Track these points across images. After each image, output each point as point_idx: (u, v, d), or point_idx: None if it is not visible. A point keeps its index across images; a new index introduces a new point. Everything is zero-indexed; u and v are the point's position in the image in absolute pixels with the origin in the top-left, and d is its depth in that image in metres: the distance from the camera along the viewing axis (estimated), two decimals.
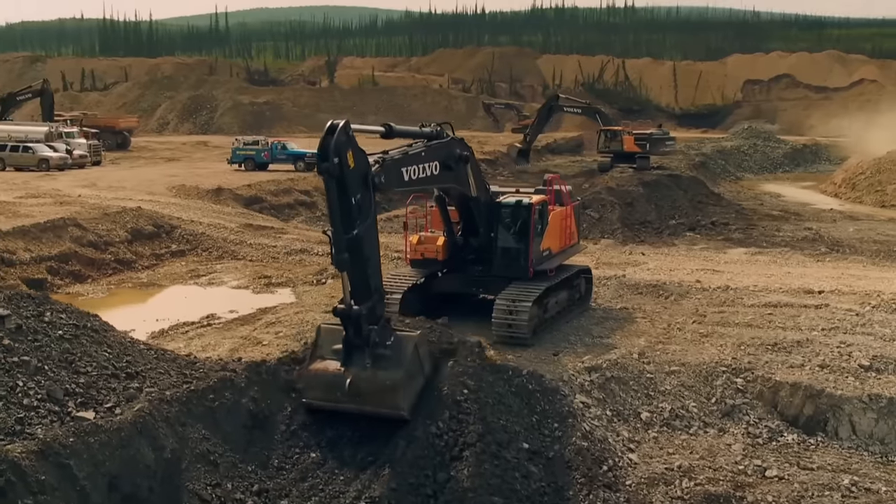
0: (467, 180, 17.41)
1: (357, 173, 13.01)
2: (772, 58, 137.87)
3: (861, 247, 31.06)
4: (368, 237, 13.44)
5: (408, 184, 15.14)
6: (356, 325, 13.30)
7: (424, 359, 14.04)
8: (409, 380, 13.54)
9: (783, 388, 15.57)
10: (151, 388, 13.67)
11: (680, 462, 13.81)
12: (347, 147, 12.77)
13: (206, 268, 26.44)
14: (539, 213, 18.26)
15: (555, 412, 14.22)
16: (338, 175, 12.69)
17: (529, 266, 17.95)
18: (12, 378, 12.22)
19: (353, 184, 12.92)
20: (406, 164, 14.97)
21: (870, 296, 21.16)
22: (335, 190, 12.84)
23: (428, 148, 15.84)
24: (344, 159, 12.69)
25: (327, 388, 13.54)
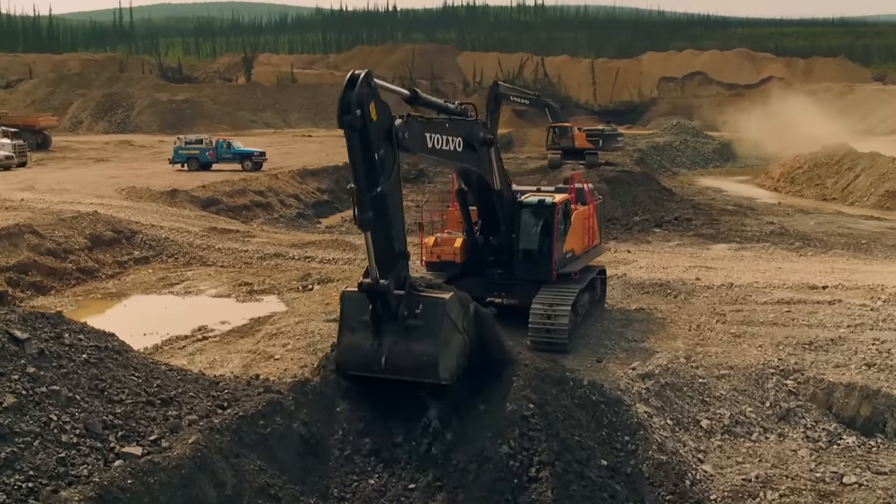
0: (491, 168, 16.49)
1: (380, 126, 12.21)
2: (685, 55, 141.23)
3: (830, 240, 31.47)
4: (393, 195, 12.58)
5: (431, 151, 14.19)
6: (384, 300, 12.59)
7: (458, 318, 13.20)
8: (445, 347, 12.77)
9: (837, 389, 15.17)
10: (190, 414, 12.32)
11: (756, 472, 13.20)
12: (370, 98, 11.97)
13: (176, 275, 24.71)
14: (563, 212, 17.46)
15: (623, 424, 13.44)
16: (360, 127, 11.84)
17: (553, 269, 17.11)
18: (44, 411, 10.70)
19: (376, 138, 12.12)
20: (430, 130, 14.09)
21: (875, 290, 21.13)
22: (358, 144, 11.98)
23: (451, 120, 15.03)
24: (367, 111, 11.86)
25: (363, 363, 13.05)
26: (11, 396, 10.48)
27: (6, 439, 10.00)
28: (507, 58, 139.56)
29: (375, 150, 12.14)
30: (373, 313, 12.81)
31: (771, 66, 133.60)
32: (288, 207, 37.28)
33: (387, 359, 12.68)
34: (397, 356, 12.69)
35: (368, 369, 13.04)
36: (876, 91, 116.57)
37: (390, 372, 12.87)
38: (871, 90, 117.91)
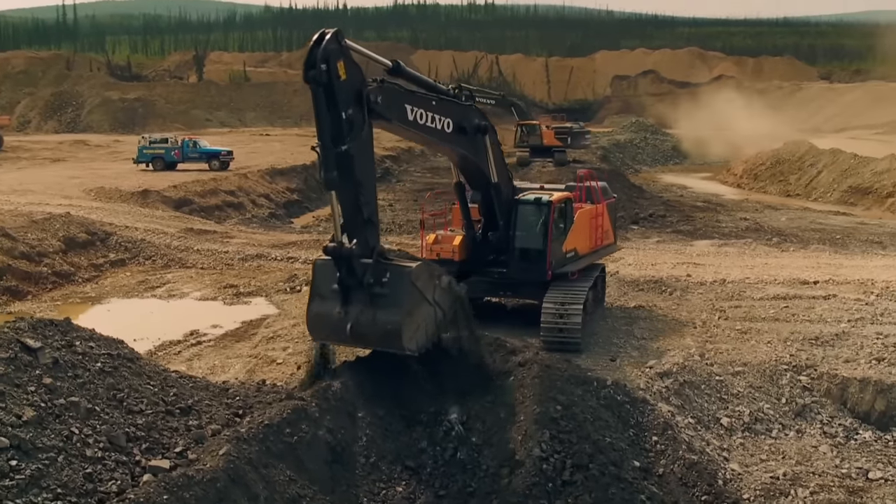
0: (486, 157, 16.16)
1: (349, 86, 12.08)
2: (637, 54, 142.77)
3: (805, 236, 31.82)
4: (361, 158, 12.31)
5: (412, 125, 13.95)
6: (348, 265, 12.35)
7: (426, 288, 12.89)
8: (410, 317, 12.52)
9: (851, 384, 15.21)
10: (211, 423, 11.86)
11: (783, 469, 13.12)
12: (338, 56, 11.91)
13: (156, 278, 23.95)
14: (560, 211, 17.09)
15: (649, 424, 13.25)
16: (325, 83, 11.74)
17: (548, 269, 16.73)
18: (65, 424, 10.16)
19: (343, 97, 11.96)
20: (412, 102, 13.88)
21: (865, 285, 21.35)
22: (322, 100, 11.88)
23: (441, 100, 14.78)
24: (333, 68, 11.80)
25: (331, 331, 12.90)
26: (31, 409, 9.92)
27: (30, 455, 9.45)
28: (462, 56, 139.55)
29: (342, 108, 12.00)
30: (340, 279, 12.54)
31: (721, 64, 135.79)
32: (259, 207, 36.55)
33: (352, 327, 12.44)
34: (362, 325, 12.47)
35: (336, 338, 12.96)
36: (823, 90, 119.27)
37: (356, 341, 12.79)
38: (818, 88, 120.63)
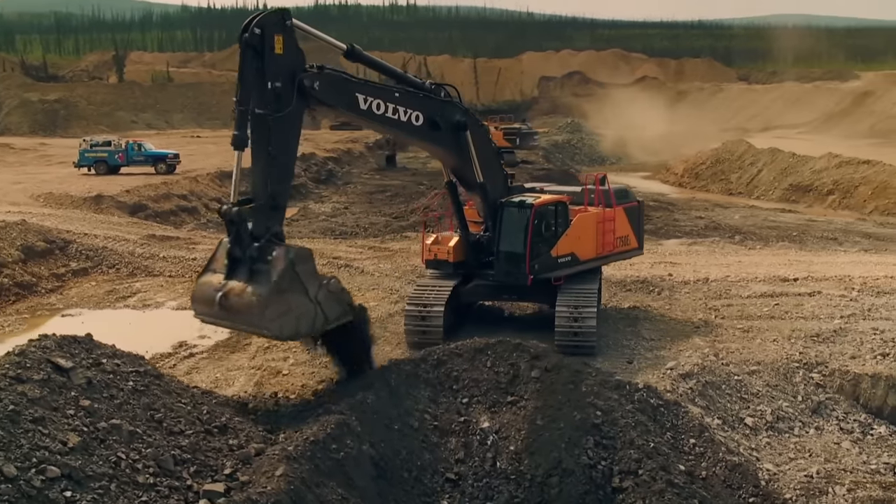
0: (469, 155, 15.85)
1: (282, 62, 12.18)
2: (562, 56, 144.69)
3: (763, 233, 32.52)
4: (280, 134, 12.19)
5: (366, 114, 13.94)
6: (237, 233, 12.12)
7: (306, 278, 12.34)
8: (280, 297, 11.98)
9: (863, 380, 15.44)
10: (251, 442, 11.25)
11: (815, 468, 13.18)
12: (276, 29, 12.08)
13: (124, 287, 22.88)
14: (543, 214, 16.78)
15: (685, 427, 13.12)
16: (257, 46, 11.85)
17: (528, 273, 16.40)
18: (110, 450, 9.50)
19: (272, 68, 12.04)
20: (366, 92, 13.83)
21: (844, 281, 21.83)
22: (248, 61, 11.96)
23: (407, 91, 14.65)
24: (268, 37, 11.96)
25: (203, 300, 12.44)
26: (75, 435, 9.23)
27: (82, 485, 8.77)
28: (389, 57, 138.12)
29: (269, 78, 11.99)
30: (228, 249, 12.28)
31: (644, 66, 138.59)
32: (213, 211, 35.37)
33: (223, 296, 12.01)
34: (232, 295, 12.03)
35: (209, 312, 12.44)
36: (742, 90, 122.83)
37: (223, 313, 12.21)
38: (737, 89, 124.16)
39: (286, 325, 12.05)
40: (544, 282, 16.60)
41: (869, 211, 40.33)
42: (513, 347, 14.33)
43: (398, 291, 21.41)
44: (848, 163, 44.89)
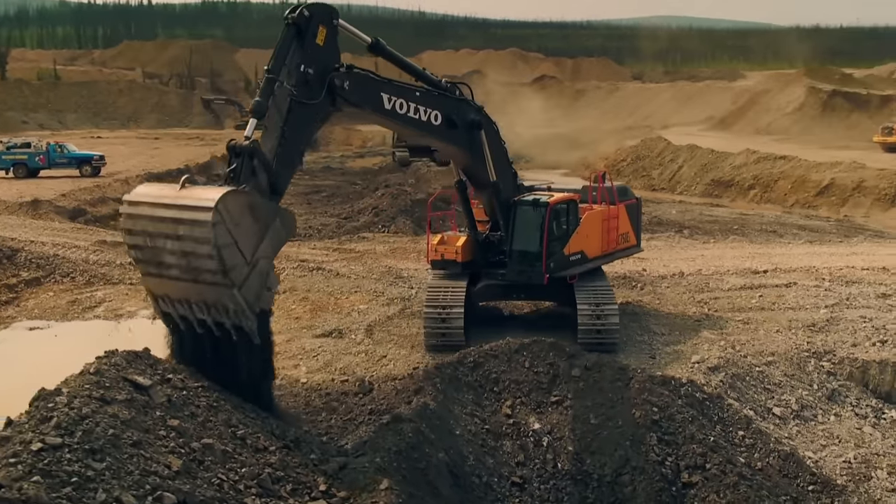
0: (482, 154, 15.83)
1: (320, 53, 12.16)
2: (462, 55, 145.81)
3: (707, 227, 33.49)
4: (298, 118, 11.88)
5: (390, 114, 13.75)
6: (239, 166, 11.10)
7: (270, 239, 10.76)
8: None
9: (871, 366, 16.03)
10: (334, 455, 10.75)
11: (852, 453, 13.62)
12: (323, 20, 12.10)
13: (86, 297, 21.58)
14: (558, 213, 16.87)
15: (731, 419, 13.35)
16: (301, 26, 11.82)
17: (544, 271, 16.46)
18: (210, 471, 8.92)
19: (310, 56, 11.98)
20: (390, 91, 13.68)
21: (809, 272, 22.71)
22: (290, 36, 11.86)
23: (427, 91, 14.58)
24: (313, 25, 11.95)
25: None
26: (175, 458, 8.59)
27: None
28: None
29: (305, 62, 11.88)
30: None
31: (542, 65, 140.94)
32: None
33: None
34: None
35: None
36: (638, 89, 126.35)
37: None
38: (633, 88, 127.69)
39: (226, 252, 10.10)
40: (557, 280, 16.56)
41: (790, 204, 42.18)
42: (549, 347, 14.28)
43: (383, 293, 21.01)
44: (766, 158, 46.81)
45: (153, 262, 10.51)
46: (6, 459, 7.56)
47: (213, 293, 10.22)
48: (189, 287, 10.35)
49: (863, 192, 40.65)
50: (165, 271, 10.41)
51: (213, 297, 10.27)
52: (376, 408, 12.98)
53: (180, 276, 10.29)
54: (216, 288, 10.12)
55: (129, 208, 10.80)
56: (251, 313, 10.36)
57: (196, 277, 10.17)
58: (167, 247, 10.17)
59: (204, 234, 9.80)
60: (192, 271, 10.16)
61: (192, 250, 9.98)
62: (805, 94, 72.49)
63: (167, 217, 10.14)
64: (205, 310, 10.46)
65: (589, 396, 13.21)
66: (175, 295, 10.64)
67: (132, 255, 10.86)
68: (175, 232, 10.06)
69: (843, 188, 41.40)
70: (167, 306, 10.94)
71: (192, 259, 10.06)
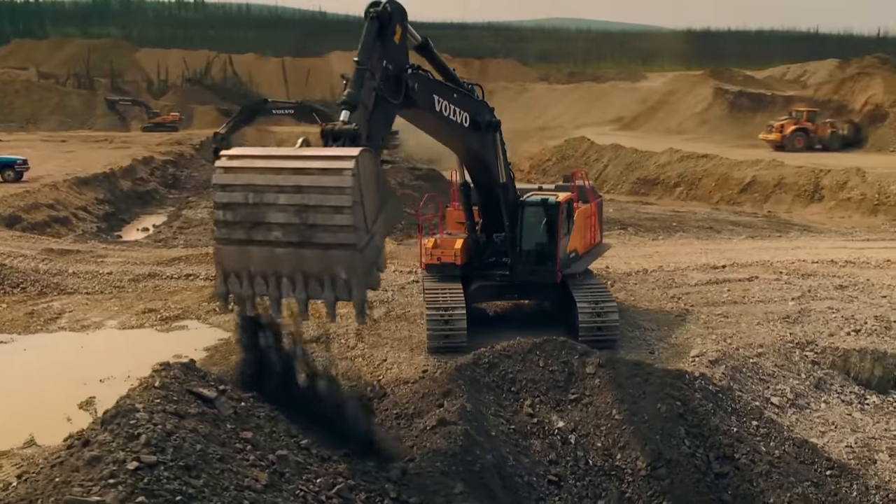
0: (495, 155, 16.04)
1: (397, 51, 12.09)
2: None
3: (648, 224, 34.42)
4: (378, 112, 11.65)
5: (438, 116, 13.73)
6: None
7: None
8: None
9: (852, 355, 16.80)
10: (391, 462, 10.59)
11: (852, 438, 14.23)
12: (400, 19, 12.00)
13: (43, 308, 20.59)
14: (567, 212, 17.28)
15: (744, 410, 13.80)
16: (384, 19, 11.70)
17: (557, 271, 16.84)
18: (292, 483, 8.73)
19: (391, 53, 11.92)
20: (440, 93, 13.72)
21: (765, 266, 23.62)
22: (375, 29, 11.70)
23: (460, 91, 14.61)
24: (393, 23, 11.84)
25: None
26: (263, 474, 8.37)
27: None
28: (192, 55, 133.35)
29: (385, 58, 11.75)
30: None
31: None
32: (83, 221, 32.64)
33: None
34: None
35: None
36: (546, 90, 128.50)
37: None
38: (541, 89, 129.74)
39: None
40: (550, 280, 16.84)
41: (716, 201, 43.71)
42: (560, 345, 14.45)
43: None
44: (689, 157, 48.37)
45: (249, 222, 9.10)
46: (105, 481, 7.21)
47: (321, 259, 8.92)
48: (287, 255, 9.02)
49: (783, 188, 42.47)
50: (262, 234, 9.06)
51: (320, 265, 8.95)
52: (402, 412, 12.86)
53: (283, 237, 8.99)
54: (329, 253, 8.86)
55: (229, 161, 9.41)
56: (364, 285, 9.22)
57: (307, 238, 8.90)
58: (279, 201, 8.90)
59: (339, 183, 8.76)
60: (303, 231, 8.89)
61: (318, 203, 8.78)
62: (712, 95, 75.15)
63: (287, 168, 9.03)
64: (300, 283, 9.09)
65: (608, 392, 13.41)
66: (261, 266, 9.19)
67: (221, 217, 9.24)
68: (296, 183, 8.89)
69: (764, 185, 43.14)
70: (240, 284, 9.43)
71: (312, 214, 8.82)
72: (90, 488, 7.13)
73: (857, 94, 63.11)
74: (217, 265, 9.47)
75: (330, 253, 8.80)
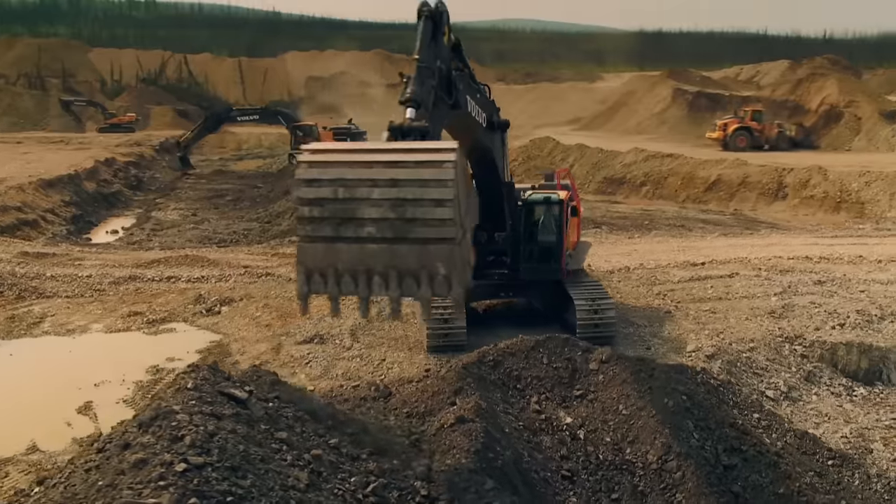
0: (503, 155, 16.26)
1: (447, 54, 12.11)
2: (328, 55, 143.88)
3: (620, 223, 34.81)
4: (440, 111, 11.70)
5: (467, 116, 13.59)
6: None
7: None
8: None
9: (839, 348, 17.21)
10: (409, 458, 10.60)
11: (847, 428, 14.58)
12: (448, 20, 12.05)
13: (23, 312, 20.22)
14: (570, 209, 17.53)
15: (744, 403, 14.03)
16: (435, 19, 11.71)
17: (563, 268, 17.07)
18: (329, 482, 8.67)
19: (443, 54, 11.95)
20: (471, 94, 13.70)
21: (743, 262, 24.09)
22: (429, 27, 11.67)
23: (482, 92, 14.73)
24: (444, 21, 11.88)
25: None
26: (303, 473, 8.33)
27: None
28: (146, 55, 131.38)
29: (439, 57, 11.71)
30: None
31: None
32: (52, 224, 32.01)
33: None
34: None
35: None
36: (503, 90, 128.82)
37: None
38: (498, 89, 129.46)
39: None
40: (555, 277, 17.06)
41: (682, 200, 44.34)
42: (563, 342, 14.55)
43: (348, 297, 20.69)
44: (654, 156, 49.00)
45: (338, 218, 8.59)
46: (154, 483, 7.12)
47: (419, 255, 8.53)
48: (380, 251, 8.55)
49: (748, 187, 43.25)
50: (353, 230, 8.57)
51: (417, 260, 8.55)
52: (413, 410, 12.84)
53: (377, 233, 8.51)
54: (428, 248, 8.47)
55: (312, 155, 8.88)
56: (462, 280, 8.81)
57: (403, 233, 8.47)
58: (372, 196, 8.45)
59: (441, 176, 8.38)
60: (399, 226, 8.47)
61: (417, 196, 8.38)
62: (671, 96, 76.20)
63: (380, 161, 8.58)
64: (393, 281, 8.64)
65: (613, 388, 13.54)
66: (350, 264, 8.69)
67: (306, 214, 8.65)
68: (392, 177, 8.46)
69: (729, 184, 43.89)
70: (324, 284, 8.88)
71: (410, 208, 8.41)
72: (140, 491, 7.04)
73: (812, 94, 64.55)
74: (299, 264, 8.88)
75: (428, 248, 8.39)
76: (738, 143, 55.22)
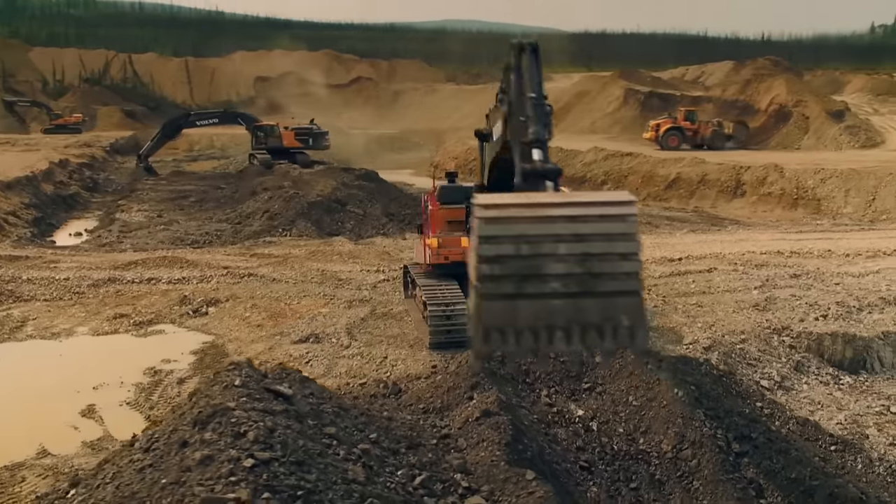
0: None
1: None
2: (276, 55, 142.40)
3: None
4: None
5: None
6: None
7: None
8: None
9: (825, 338, 17.74)
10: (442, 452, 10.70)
11: (841, 415, 15.05)
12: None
13: (3, 316, 19.76)
14: None
15: (746, 392, 14.44)
16: (537, 49, 10.49)
17: None
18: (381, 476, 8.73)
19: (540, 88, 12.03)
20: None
21: (718, 258, 24.65)
22: (536, 66, 10.64)
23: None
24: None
25: None
26: (359, 467, 8.38)
27: None
28: (89, 54, 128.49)
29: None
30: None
31: (358, 66, 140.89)
32: (16, 227, 31.16)
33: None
34: None
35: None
36: (454, 91, 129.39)
37: None
38: (449, 90, 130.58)
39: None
40: None
41: (643, 198, 44.89)
42: None
43: (335, 296, 20.75)
44: (613, 155, 49.69)
45: (521, 275, 8.26)
46: (225, 479, 7.09)
47: (604, 308, 8.25)
48: (564, 306, 8.19)
49: (707, 184, 44.09)
50: (536, 286, 8.19)
51: (602, 313, 8.25)
52: (429, 406, 12.92)
53: (561, 288, 8.17)
54: (612, 301, 8.22)
55: (488, 211, 8.32)
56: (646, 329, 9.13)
57: (590, 287, 8.20)
58: (558, 251, 8.17)
59: (626, 230, 8.06)
60: (585, 281, 8.21)
61: (604, 251, 8.12)
62: (623, 96, 77.26)
63: (562, 215, 8.23)
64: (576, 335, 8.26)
65: (621, 380, 13.80)
66: (531, 320, 8.27)
67: (488, 271, 8.14)
68: (576, 231, 8.13)
69: (689, 182, 44.70)
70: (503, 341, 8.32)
71: (596, 263, 8.14)
72: (212, 487, 7.00)
73: (762, 94, 66.09)
74: (477, 323, 9.04)
75: (615, 301, 8.14)
76: (669, 142, 56.44)
